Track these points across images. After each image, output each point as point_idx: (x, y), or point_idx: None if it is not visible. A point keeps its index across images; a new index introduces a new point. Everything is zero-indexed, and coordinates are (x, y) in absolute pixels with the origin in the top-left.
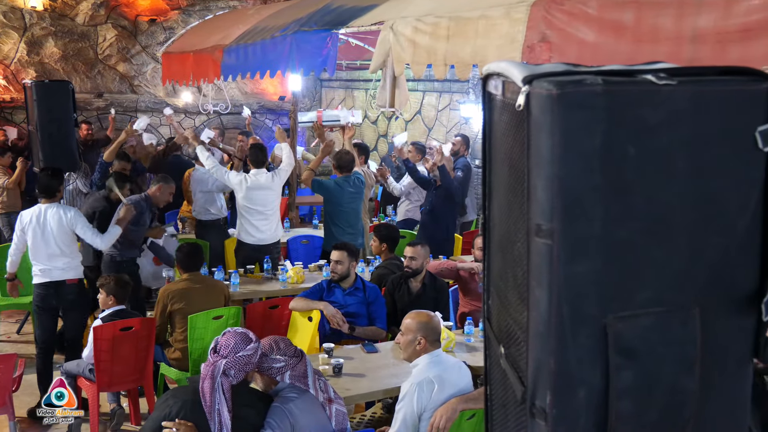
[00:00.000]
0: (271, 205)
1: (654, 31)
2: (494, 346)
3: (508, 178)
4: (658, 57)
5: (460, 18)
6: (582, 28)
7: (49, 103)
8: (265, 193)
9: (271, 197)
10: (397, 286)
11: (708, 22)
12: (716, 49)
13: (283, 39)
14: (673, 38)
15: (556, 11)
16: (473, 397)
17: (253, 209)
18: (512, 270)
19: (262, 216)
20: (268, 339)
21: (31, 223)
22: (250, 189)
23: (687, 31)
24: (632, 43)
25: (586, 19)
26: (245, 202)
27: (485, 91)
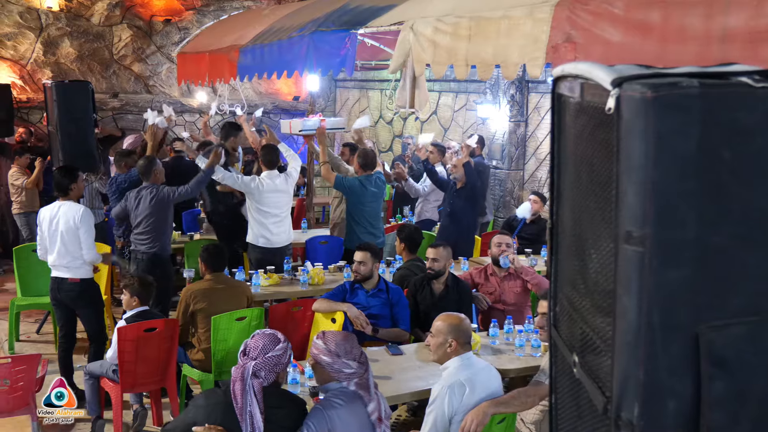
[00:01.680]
0: (284, 207)
1: (681, 30)
2: (564, 354)
3: (585, 182)
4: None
5: (482, 18)
6: (608, 28)
7: (69, 103)
8: (279, 195)
9: (285, 199)
10: (419, 288)
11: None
12: (747, 49)
13: (301, 39)
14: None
15: (580, 11)
16: (504, 401)
17: (267, 212)
18: (586, 276)
19: (276, 219)
20: (338, 337)
21: (46, 218)
22: (265, 192)
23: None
24: (659, 43)
25: (611, 19)
26: (259, 206)
27: (555, 93)
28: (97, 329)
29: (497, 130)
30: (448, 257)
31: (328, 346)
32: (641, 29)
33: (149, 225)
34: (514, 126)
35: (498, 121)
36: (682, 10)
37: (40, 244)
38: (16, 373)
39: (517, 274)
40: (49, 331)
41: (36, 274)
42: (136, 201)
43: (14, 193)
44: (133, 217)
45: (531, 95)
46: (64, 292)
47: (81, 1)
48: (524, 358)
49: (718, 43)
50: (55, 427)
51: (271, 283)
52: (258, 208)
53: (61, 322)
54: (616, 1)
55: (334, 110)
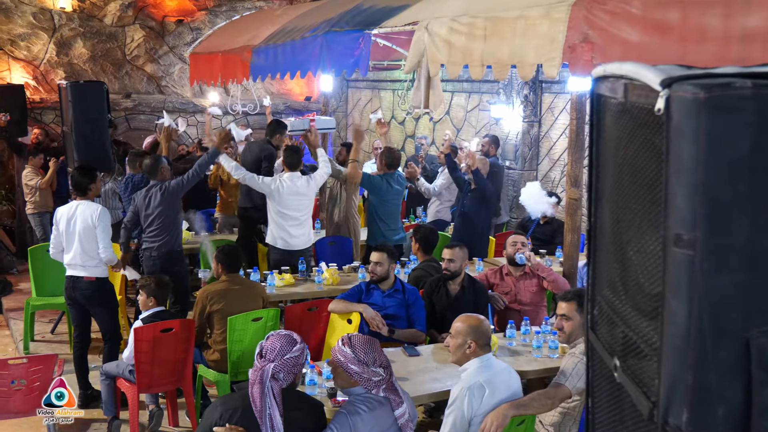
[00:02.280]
0: (305, 210)
1: (701, 30)
2: (603, 357)
3: (627, 184)
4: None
5: (497, 18)
6: (625, 28)
7: (84, 104)
8: (299, 198)
9: (306, 203)
10: (435, 289)
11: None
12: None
13: (314, 39)
14: (721, 38)
15: (598, 11)
16: (524, 403)
17: (288, 215)
18: (627, 279)
19: (296, 222)
20: (365, 344)
21: (63, 217)
22: (285, 194)
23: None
24: (678, 43)
25: (629, 19)
26: (280, 208)
27: (594, 93)
28: (112, 329)
29: (510, 131)
30: (464, 258)
31: (358, 355)
32: (660, 29)
33: (161, 222)
34: (528, 126)
35: (511, 122)
36: (701, 9)
37: (54, 243)
38: (32, 374)
39: (533, 273)
40: (64, 331)
41: (51, 274)
42: (146, 200)
43: (28, 193)
44: (144, 216)
45: (544, 95)
46: (79, 291)
47: (94, 1)
48: (542, 359)
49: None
50: (71, 427)
51: (286, 283)
52: (278, 210)
53: (76, 322)
54: (634, 1)
55: (345, 110)
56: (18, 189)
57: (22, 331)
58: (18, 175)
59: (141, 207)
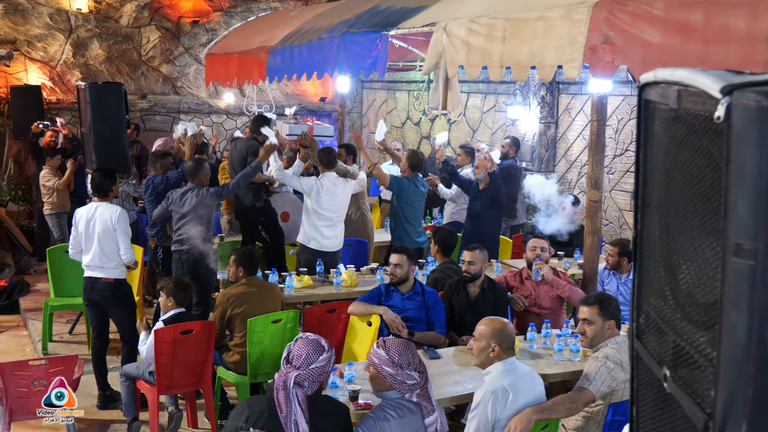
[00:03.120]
0: (339, 212)
1: (725, 31)
2: (651, 366)
3: (679, 192)
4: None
5: (517, 19)
6: (647, 30)
7: (102, 105)
8: (335, 199)
9: (340, 204)
10: (455, 291)
11: None
12: None
13: (331, 40)
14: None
15: (619, 12)
16: (548, 407)
17: (322, 214)
18: (676, 288)
19: (329, 222)
20: (400, 346)
21: (82, 218)
22: (324, 194)
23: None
24: (701, 44)
25: (651, 20)
26: (316, 207)
27: (642, 99)
28: (130, 330)
29: (527, 132)
30: (484, 260)
31: (392, 357)
32: (682, 30)
33: (192, 225)
34: (545, 127)
35: (528, 123)
36: (725, 10)
37: (73, 244)
38: (52, 375)
39: (553, 281)
40: (82, 332)
41: (69, 275)
42: (182, 202)
43: (45, 194)
44: (176, 217)
45: (561, 96)
46: (97, 292)
47: (110, 2)
48: (563, 363)
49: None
50: (90, 428)
51: (304, 285)
52: (313, 209)
53: (94, 323)
54: (656, 2)
55: (360, 111)
56: (35, 190)
57: (40, 332)
58: (35, 176)
59: (175, 207)
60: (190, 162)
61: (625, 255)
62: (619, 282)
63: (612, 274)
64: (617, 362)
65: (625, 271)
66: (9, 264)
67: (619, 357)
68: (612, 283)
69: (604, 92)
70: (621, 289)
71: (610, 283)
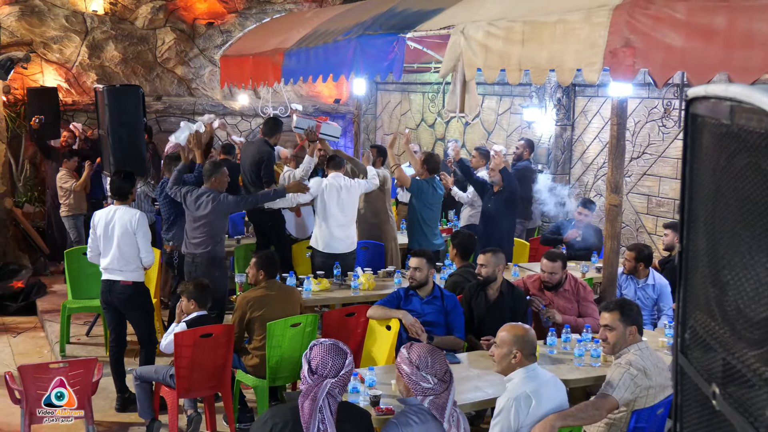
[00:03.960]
0: (349, 212)
1: (748, 36)
2: (697, 382)
3: (730, 208)
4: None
5: (536, 22)
6: (669, 33)
7: (120, 107)
8: (342, 199)
9: (349, 204)
10: (474, 294)
11: None
12: None
13: (347, 43)
14: None
15: (640, 15)
16: (571, 414)
17: (331, 216)
18: (724, 304)
19: (338, 222)
20: (423, 349)
21: (101, 221)
22: (331, 193)
23: None
24: (723, 48)
25: (673, 24)
26: (324, 208)
27: (689, 113)
28: (147, 333)
29: (543, 134)
30: (497, 263)
31: (411, 356)
32: (705, 34)
33: (207, 230)
34: (560, 130)
35: (544, 125)
36: (749, 14)
37: (92, 247)
38: (72, 377)
39: (572, 290)
40: (99, 334)
41: (86, 277)
42: (196, 204)
43: (62, 195)
44: (190, 220)
45: (578, 99)
46: (115, 295)
47: (125, 4)
48: (584, 368)
49: None
50: (108, 431)
51: (322, 288)
52: (322, 211)
53: (112, 326)
54: (678, 5)
55: (375, 113)
56: (49, 192)
57: (58, 333)
58: (49, 177)
59: (190, 209)
60: (207, 165)
61: (641, 260)
62: (636, 287)
63: (630, 279)
64: (640, 369)
65: (642, 276)
66: (26, 265)
67: (642, 363)
68: (629, 288)
69: (624, 96)
70: (638, 294)
71: (627, 287)
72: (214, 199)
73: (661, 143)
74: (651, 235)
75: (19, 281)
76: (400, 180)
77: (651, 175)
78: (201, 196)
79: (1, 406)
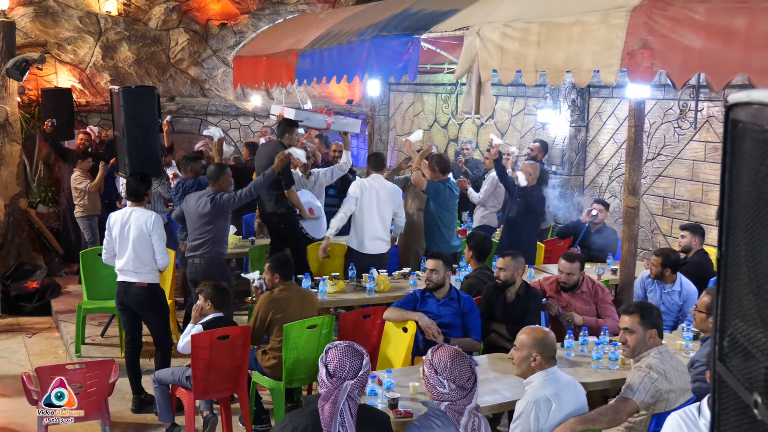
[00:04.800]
0: (387, 213)
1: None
2: (737, 391)
3: None
4: None
5: (552, 23)
6: (688, 35)
7: (135, 108)
8: (380, 200)
9: (386, 207)
10: (493, 294)
11: None
12: None
13: (361, 44)
14: None
15: (659, 17)
16: (591, 418)
17: (367, 217)
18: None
19: (376, 223)
20: (447, 353)
21: (116, 223)
22: (369, 195)
23: None
24: (743, 50)
25: (692, 25)
26: (360, 209)
27: (729, 119)
28: (163, 334)
29: (557, 135)
30: (516, 267)
31: (432, 359)
32: (724, 35)
33: (207, 231)
34: (575, 131)
35: (558, 126)
36: None
37: (107, 248)
38: (89, 378)
39: (589, 291)
40: (114, 334)
41: (101, 278)
42: (196, 205)
43: (77, 196)
44: (190, 221)
45: (592, 100)
46: (131, 296)
47: (139, 5)
48: (602, 371)
49: None
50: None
51: (337, 290)
52: (361, 212)
53: (127, 327)
54: (697, 7)
55: (387, 114)
56: (63, 193)
57: (73, 334)
58: (65, 179)
59: (191, 210)
60: (212, 166)
61: (668, 266)
62: (662, 292)
63: (656, 284)
64: (661, 372)
65: (668, 282)
66: (40, 266)
67: (662, 367)
68: (655, 293)
69: (641, 97)
70: (664, 299)
71: (653, 292)
72: (213, 199)
73: (677, 145)
74: (666, 236)
75: (33, 282)
76: (417, 182)
77: (666, 177)
78: (202, 196)
79: (17, 406)
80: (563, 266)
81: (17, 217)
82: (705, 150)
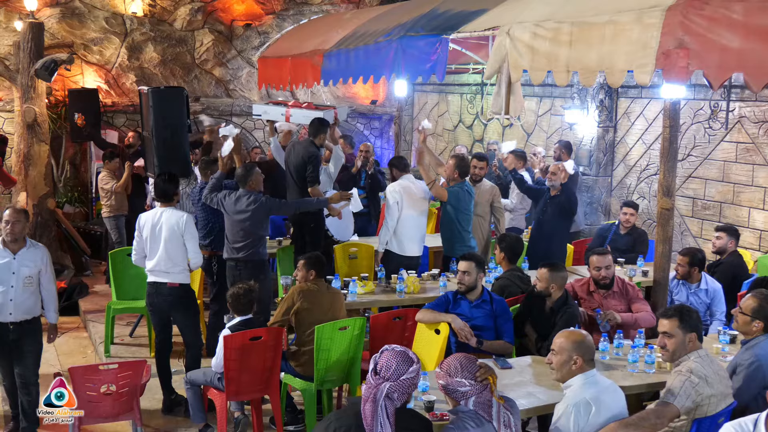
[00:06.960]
0: (421, 213)
1: None
2: None
3: None
4: None
5: (584, 23)
6: (725, 34)
7: (164, 109)
8: (415, 201)
9: (418, 207)
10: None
11: None
12: None
13: (388, 44)
14: None
15: (695, 16)
16: (633, 422)
17: (406, 218)
18: None
19: (413, 225)
20: (451, 359)
21: (147, 224)
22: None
23: None
24: None
25: (729, 25)
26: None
27: None
28: (194, 335)
29: (585, 136)
30: (553, 280)
31: (443, 369)
32: (764, 35)
33: (247, 232)
34: (603, 131)
35: (585, 127)
36: None
37: (137, 249)
38: (121, 379)
39: (621, 292)
40: (143, 334)
41: (130, 278)
42: (236, 207)
43: (104, 197)
44: (229, 222)
45: (620, 100)
46: (162, 297)
47: (164, 6)
48: (638, 374)
49: None
50: None
51: (367, 291)
52: (398, 215)
53: (158, 328)
54: (735, 6)
55: (411, 114)
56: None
57: (101, 334)
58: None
59: (230, 212)
60: (239, 169)
61: (695, 264)
62: (689, 292)
63: (682, 284)
64: (702, 377)
65: (695, 281)
66: (68, 266)
67: (703, 371)
68: (682, 294)
69: (677, 98)
70: (691, 300)
71: (679, 293)
72: (256, 201)
73: (707, 145)
74: (696, 238)
75: (61, 281)
76: (439, 196)
77: (696, 178)
78: (241, 198)
79: None
80: (597, 261)
81: (45, 217)
82: (736, 151)
